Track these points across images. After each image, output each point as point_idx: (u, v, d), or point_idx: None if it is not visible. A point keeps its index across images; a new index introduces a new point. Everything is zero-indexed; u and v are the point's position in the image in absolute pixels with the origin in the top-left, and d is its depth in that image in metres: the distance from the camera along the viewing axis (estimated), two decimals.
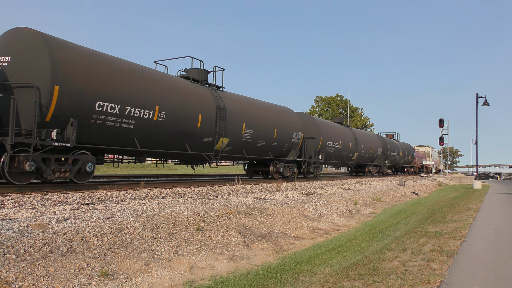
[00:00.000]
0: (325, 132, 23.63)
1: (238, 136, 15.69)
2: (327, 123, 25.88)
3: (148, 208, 7.72)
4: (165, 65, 15.06)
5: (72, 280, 4.54)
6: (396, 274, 5.01)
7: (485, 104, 28.56)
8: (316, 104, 73.46)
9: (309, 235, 8.78)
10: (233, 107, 15.53)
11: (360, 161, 31.14)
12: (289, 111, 20.94)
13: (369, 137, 33.48)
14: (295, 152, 20.06)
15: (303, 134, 21.11)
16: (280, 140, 18.72)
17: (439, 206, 14.26)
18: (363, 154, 30.68)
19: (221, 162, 17.53)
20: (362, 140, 30.23)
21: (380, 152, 34.34)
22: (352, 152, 28.16)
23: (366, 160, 32.38)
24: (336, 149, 25.19)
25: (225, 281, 5.15)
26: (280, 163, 19.53)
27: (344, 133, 27.13)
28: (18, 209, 7.04)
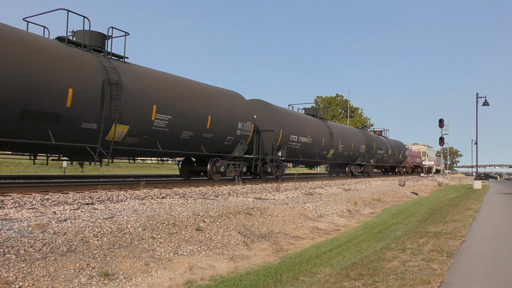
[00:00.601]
0: (287, 124, 19.68)
1: (145, 123, 11.64)
2: (291, 113, 21.53)
3: (148, 208, 7.72)
4: (44, 26, 11.16)
5: (72, 280, 4.54)
6: (396, 274, 5.01)
7: (485, 104, 28.57)
8: (316, 104, 73.49)
9: (309, 235, 8.78)
10: (136, 84, 11.48)
11: (337, 160, 26.74)
12: (235, 96, 16.64)
13: (348, 132, 28.82)
14: (242, 147, 16.12)
15: (254, 125, 17.34)
16: (218, 131, 14.64)
17: (439, 206, 14.26)
18: (341, 152, 26.52)
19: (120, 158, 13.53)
20: (339, 135, 25.82)
21: (363, 150, 30.23)
22: (326, 149, 24.02)
23: (345, 159, 28.10)
24: (303, 145, 21.16)
25: (225, 281, 5.15)
26: (223, 160, 15.54)
27: (315, 126, 22.88)
28: (18, 209, 7.04)
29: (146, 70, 12.58)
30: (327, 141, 24.10)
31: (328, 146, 24.23)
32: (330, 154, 24.96)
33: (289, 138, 19.77)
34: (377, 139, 35.14)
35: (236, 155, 16.18)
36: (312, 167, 27.06)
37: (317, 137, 22.62)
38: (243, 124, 16.12)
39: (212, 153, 15.07)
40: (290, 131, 19.84)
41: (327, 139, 24.08)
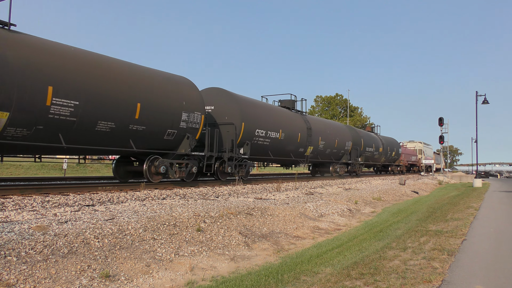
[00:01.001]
0: (252, 116, 16.78)
1: (36, 109, 8.97)
2: (258, 104, 18.41)
3: (149, 209, 7.72)
4: None
5: (73, 282, 4.54)
6: (397, 273, 5.01)
7: (485, 103, 28.57)
8: (316, 104, 73.50)
9: (310, 234, 8.78)
10: (28, 59, 8.99)
11: (318, 158, 23.76)
12: (180, 81, 13.60)
13: (331, 127, 25.39)
14: (188, 143, 13.34)
15: (205, 116, 14.48)
16: (153, 123, 11.83)
17: (440, 204, 14.26)
18: (322, 149, 23.57)
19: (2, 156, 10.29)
20: (319, 131, 22.99)
21: (349, 147, 27.21)
22: (304, 146, 21.24)
23: (328, 157, 24.94)
24: (273, 141, 18.41)
25: (226, 281, 5.15)
26: (164, 159, 12.73)
27: (289, 120, 20.14)
28: (18, 211, 7.04)
29: (41, 43, 9.68)
30: (304, 137, 21.12)
31: (306, 142, 21.28)
32: (308, 152, 21.92)
33: (255, 133, 16.83)
34: (366, 135, 32.03)
35: (182, 152, 13.33)
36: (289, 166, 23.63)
37: (291, 132, 19.83)
38: (189, 115, 13.19)
39: (148, 149, 12.22)
40: (256, 124, 16.93)
41: (304, 134, 21.12)
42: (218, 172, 15.76)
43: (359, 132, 30.46)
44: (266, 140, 17.91)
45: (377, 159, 34.92)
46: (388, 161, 38.65)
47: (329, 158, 25.37)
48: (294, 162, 22.30)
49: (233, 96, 16.66)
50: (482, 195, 18.63)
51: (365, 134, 32.20)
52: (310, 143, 21.83)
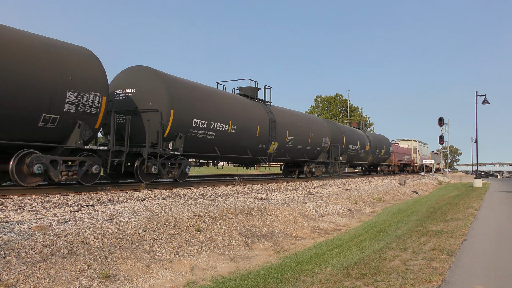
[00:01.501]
0: (187, 103, 13.38)
1: None
2: (197, 88, 14.53)
3: (149, 209, 7.72)
4: None
5: (73, 282, 4.54)
6: (397, 273, 5.01)
7: (485, 103, 28.57)
8: (316, 104, 73.53)
9: (310, 235, 8.78)
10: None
11: (285, 156, 20.01)
12: (67, 48, 10.12)
13: (303, 120, 21.52)
14: (79, 133, 9.88)
15: (107, 98, 10.68)
16: (17, 104, 8.73)
17: (440, 204, 14.26)
18: (292, 146, 20.01)
19: None
20: (287, 124, 19.50)
21: (328, 144, 23.69)
22: (265, 142, 17.68)
23: (298, 155, 21.25)
24: (221, 135, 14.86)
25: (226, 281, 5.15)
26: (43, 155, 9.51)
27: (243, 110, 16.44)
28: (18, 211, 7.04)
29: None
30: (266, 130, 17.47)
31: (268, 137, 17.59)
32: (272, 149, 18.29)
33: (191, 124, 13.48)
34: (350, 131, 28.61)
35: (73, 146, 10.02)
36: (250, 165, 19.79)
37: (247, 124, 16.28)
38: (79, 95, 9.88)
39: (13, 141, 9.10)
40: (193, 113, 13.51)
41: (266, 128, 17.45)
42: (139, 173, 12.46)
43: (341, 127, 26.84)
44: (209, 133, 14.37)
45: (363, 158, 31.44)
46: (377, 160, 35.32)
47: (301, 156, 21.50)
48: (252, 160, 18.30)
49: (162, 76, 13.07)
50: (482, 195, 18.63)
51: (348, 130, 28.80)
52: (274, 139, 18.16)
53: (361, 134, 31.27)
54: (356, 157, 29.83)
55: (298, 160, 22.15)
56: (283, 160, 21.38)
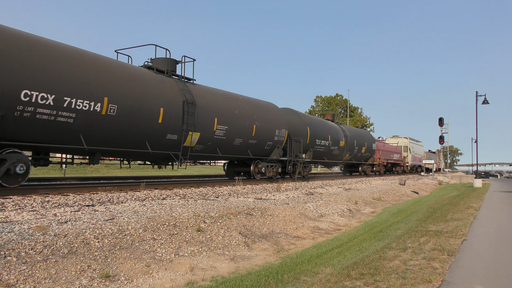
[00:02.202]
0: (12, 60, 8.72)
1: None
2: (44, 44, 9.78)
3: (149, 209, 7.72)
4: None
5: (73, 282, 4.54)
6: (397, 273, 5.01)
7: (485, 103, 28.58)
8: (315, 104, 73.53)
9: (310, 235, 8.78)
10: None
11: (214, 152, 14.96)
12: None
13: (245, 105, 16.35)
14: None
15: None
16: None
17: (440, 205, 14.26)
18: (225, 139, 14.95)
19: None
20: (216, 109, 14.56)
21: (284, 138, 18.65)
22: (176, 132, 12.91)
23: (239, 151, 16.21)
24: (90, 118, 10.39)
25: (226, 281, 5.15)
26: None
27: (137, 86, 11.74)
28: (18, 212, 7.04)
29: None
30: (177, 115, 12.72)
31: (179, 125, 12.84)
32: (190, 141, 13.46)
33: (21, 97, 8.80)
34: (318, 124, 23.44)
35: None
36: (162, 164, 14.49)
37: (139, 105, 11.54)
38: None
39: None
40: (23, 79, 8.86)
41: (176, 112, 12.71)
42: None
43: (305, 118, 21.89)
44: (62, 113, 9.73)
45: (337, 156, 26.09)
46: (357, 159, 30.11)
47: (242, 152, 16.37)
48: (157, 157, 13.46)
49: None
50: (482, 195, 18.64)
51: (316, 122, 23.70)
52: (192, 128, 13.30)
53: (334, 128, 25.76)
54: (327, 154, 24.48)
55: (239, 157, 16.94)
56: (212, 158, 16.12)
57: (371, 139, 32.54)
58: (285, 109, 21.29)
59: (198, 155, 14.83)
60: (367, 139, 31.37)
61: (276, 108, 19.17)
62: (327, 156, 24.72)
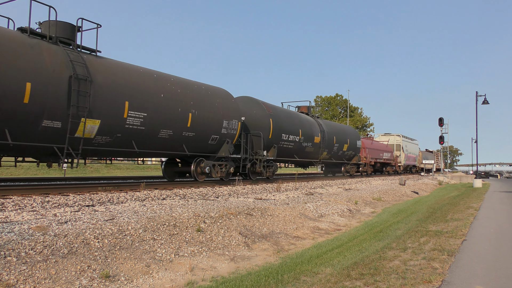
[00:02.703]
0: None
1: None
2: None
3: (149, 209, 7.72)
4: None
5: (73, 282, 4.54)
6: (397, 274, 5.01)
7: (485, 103, 28.59)
8: (316, 104, 73.54)
9: (310, 235, 8.78)
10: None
11: (130, 147, 11.67)
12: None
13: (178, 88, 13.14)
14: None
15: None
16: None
17: (440, 205, 14.27)
18: (144, 130, 11.80)
19: None
20: (129, 90, 11.34)
21: (236, 131, 15.46)
22: (60, 118, 9.63)
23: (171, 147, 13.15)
24: None
25: (226, 281, 5.15)
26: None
27: None
28: (18, 212, 7.04)
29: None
30: (60, 98, 9.60)
31: (64, 108, 9.67)
32: (87, 132, 10.33)
33: None
34: (285, 116, 19.81)
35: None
36: (46, 161, 10.73)
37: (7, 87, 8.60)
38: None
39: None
40: None
41: (59, 93, 9.59)
42: None
43: (268, 108, 18.21)
44: None
45: (311, 154, 22.41)
46: (337, 157, 26.26)
47: (175, 148, 13.19)
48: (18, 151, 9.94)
49: None
50: (482, 195, 18.64)
51: (283, 113, 19.82)
52: (85, 113, 10.08)
53: (308, 121, 22.06)
54: (298, 152, 20.77)
55: (170, 154, 13.83)
56: (125, 154, 12.35)
57: (355, 136, 28.93)
58: (242, 98, 18.45)
59: (103, 150, 11.22)
60: (350, 136, 27.58)
61: (227, 95, 15.70)
62: (298, 154, 20.94)
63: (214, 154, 15.00)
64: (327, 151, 24.31)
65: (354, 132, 29.76)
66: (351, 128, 30.83)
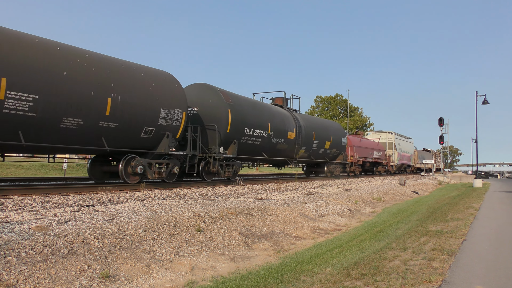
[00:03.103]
0: None
1: None
2: None
3: (149, 209, 7.72)
4: None
5: (73, 282, 4.54)
6: (397, 273, 5.01)
7: (485, 103, 28.58)
8: (316, 104, 73.53)
9: (310, 235, 8.78)
10: None
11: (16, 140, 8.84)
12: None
13: (94, 67, 10.31)
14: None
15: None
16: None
17: (440, 205, 14.26)
18: (39, 117, 9.06)
19: None
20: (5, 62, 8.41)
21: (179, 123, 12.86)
22: None
23: (83, 140, 10.34)
24: None
25: (226, 281, 5.15)
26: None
27: None
28: (18, 212, 7.04)
29: None
30: None
31: None
32: None
33: None
34: (249, 106, 16.84)
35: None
36: None
37: None
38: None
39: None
40: None
41: None
42: None
43: (226, 97, 15.44)
44: None
45: (284, 151, 19.37)
46: (317, 156, 23.05)
47: (88, 142, 10.54)
48: None
49: None
50: (482, 195, 18.64)
51: (247, 103, 16.82)
52: None
53: (281, 114, 19.09)
54: (268, 149, 17.83)
55: (88, 149, 11.14)
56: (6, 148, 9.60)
57: (339, 132, 25.85)
58: (196, 85, 15.87)
59: None
60: (333, 132, 24.66)
61: (169, 79, 13.03)
62: (268, 152, 17.85)
63: (152, 150, 12.45)
64: (305, 149, 21.29)
65: (338, 128, 26.65)
66: (334, 123, 27.09)
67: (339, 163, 26.32)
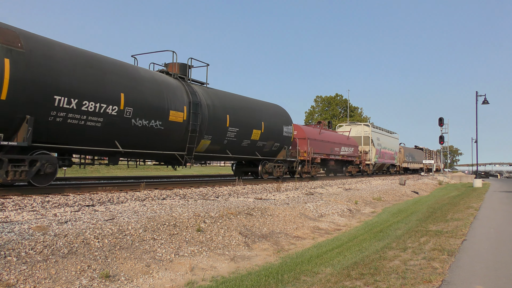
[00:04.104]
0: None
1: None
2: None
3: (149, 209, 7.72)
4: None
5: (73, 282, 4.54)
6: (397, 273, 5.01)
7: (485, 103, 28.59)
8: (316, 104, 73.54)
9: (310, 235, 8.78)
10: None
11: None
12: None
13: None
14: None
15: None
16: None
17: (440, 205, 14.26)
18: None
19: None
20: None
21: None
22: None
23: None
24: None
25: (226, 281, 5.15)
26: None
27: None
28: (18, 212, 7.04)
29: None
30: None
31: None
32: None
33: None
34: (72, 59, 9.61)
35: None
36: None
37: None
38: None
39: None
40: None
41: None
42: None
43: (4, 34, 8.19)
44: None
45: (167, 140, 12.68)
46: (239, 151, 16.16)
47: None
48: None
49: None
50: (482, 195, 18.64)
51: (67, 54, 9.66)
52: None
53: (157, 83, 12.32)
54: (128, 136, 11.25)
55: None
56: None
57: (280, 118, 18.68)
58: None
59: None
60: (268, 118, 17.64)
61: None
62: (125, 139, 11.30)
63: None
64: (212, 139, 14.45)
65: (279, 112, 19.01)
66: (271, 105, 19.14)
67: (281, 160, 19.23)
